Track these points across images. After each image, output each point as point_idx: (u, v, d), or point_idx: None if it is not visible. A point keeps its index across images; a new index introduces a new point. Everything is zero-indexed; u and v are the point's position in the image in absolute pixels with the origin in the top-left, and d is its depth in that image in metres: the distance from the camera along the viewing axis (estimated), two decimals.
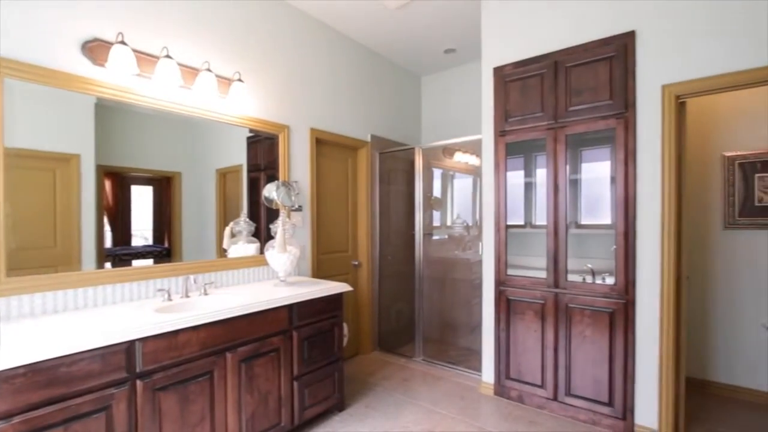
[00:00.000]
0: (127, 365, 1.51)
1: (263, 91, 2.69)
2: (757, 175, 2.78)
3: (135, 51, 1.97)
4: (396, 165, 3.98)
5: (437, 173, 4.35)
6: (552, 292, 2.52)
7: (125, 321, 1.60)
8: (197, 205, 2.42)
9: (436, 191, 4.35)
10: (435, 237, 4.22)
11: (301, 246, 2.90)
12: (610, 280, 2.39)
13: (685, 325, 2.29)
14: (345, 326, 2.84)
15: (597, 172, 2.86)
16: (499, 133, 2.73)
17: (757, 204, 2.78)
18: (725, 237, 2.84)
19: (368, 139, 3.63)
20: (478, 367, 3.07)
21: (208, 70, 2.19)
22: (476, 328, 3.39)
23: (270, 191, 2.67)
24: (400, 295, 3.99)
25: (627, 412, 2.28)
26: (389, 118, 3.94)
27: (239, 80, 2.38)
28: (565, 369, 2.48)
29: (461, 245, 4.15)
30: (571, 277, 2.52)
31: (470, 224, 4.06)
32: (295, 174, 2.92)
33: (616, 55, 2.27)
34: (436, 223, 4.34)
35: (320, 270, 3.21)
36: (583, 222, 3.00)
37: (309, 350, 2.28)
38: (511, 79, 2.67)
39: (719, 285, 2.85)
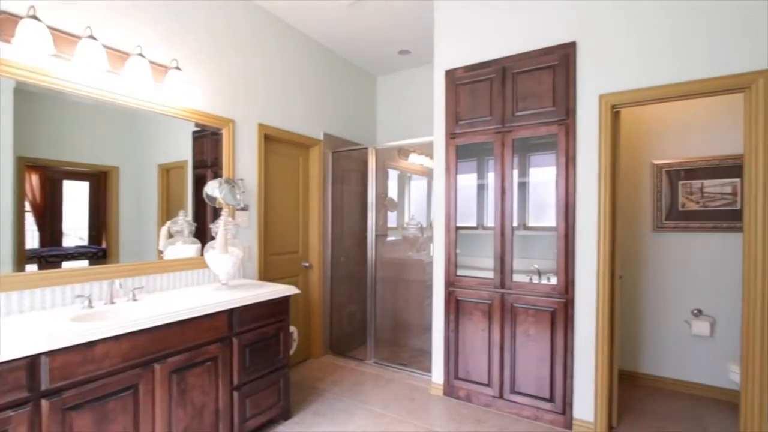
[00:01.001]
0: (29, 383, 1.33)
1: (206, 83, 2.53)
2: (681, 182, 3.03)
3: (51, 29, 1.76)
4: (350, 165, 3.91)
5: (393, 174, 4.35)
6: (498, 292, 2.58)
7: (31, 332, 1.41)
8: (137, 202, 2.24)
9: (392, 192, 4.35)
10: (390, 238, 4.21)
11: (247, 247, 2.75)
12: (554, 280, 2.49)
13: (619, 322, 2.43)
14: (294, 330, 2.73)
15: (544, 176, 2.98)
16: (450, 136, 2.75)
17: (680, 209, 3.02)
18: (654, 239, 3.06)
19: (321, 137, 3.54)
20: (429, 368, 3.08)
21: (141, 55, 2.00)
22: (429, 328, 3.41)
23: (212, 189, 2.51)
24: (353, 297, 3.93)
25: (566, 407, 2.37)
26: (343, 117, 3.87)
27: (177, 68, 2.21)
28: (511, 367, 2.54)
29: (415, 246, 4.17)
30: (518, 278, 2.60)
31: (424, 226, 4.08)
32: (241, 171, 2.77)
33: (559, 64, 2.37)
34: (392, 224, 4.34)
35: (268, 272, 3.07)
36: (531, 224, 3.12)
37: (251, 358, 2.15)
38: (461, 83, 2.71)
39: (648, 283, 3.07)
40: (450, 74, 2.77)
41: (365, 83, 4.21)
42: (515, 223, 2.84)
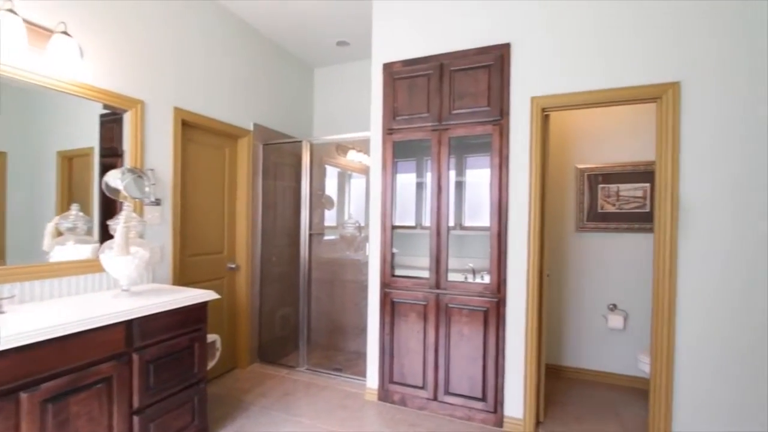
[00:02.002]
0: None
1: (106, 55, 2.17)
2: (600, 185, 3.23)
3: None
4: (283, 158, 3.67)
5: (333, 172, 4.18)
6: (434, 293, 2.54)
7: None
8: (29, 195, 1.90)
9: (331, 190, 4.18)
10: (327, 237, 4.04)
11: (158, 247, 2.42)
12: (488, 279, 2.50)
13: (546, 319, 2.51)
14: (216, 339, 2.47)
15: (480, 177, 3.01)
16: (387, 131, 2.66)
17: (599, 210, 3.23)
18: (577, 239, 3.24)
19: (251, 127, 3.27)
20: (365, 372, 2.96)
21: (11, 10, 1.63)
22: (365, 330, 3.30)
23: (113, 179, 2.15)
24: (285, 300, 3.69)
25: (497, 405, 2.39)
26: (277, 107, 3.62)
27: (64, 33, 1.84)
28: (445, 368, 2.51)
29: (353, 246, 4.03)
30: (454, 277, 2.58)
31: (362, 225, 3.97)
32: (152, 160, 2.43)
33: (494, 64, 2.38)
34: (331, 222, 4.17)
35: (186, 275, 2.74)
36: (467, 224, 3.14)
37: (157, 375, 1.87)
38: (400, 77, 2.63)
39: (571, 281, 3.24)
40: (388, 68, 2.68)
41: (302, 74, 3.99)
42: (452, 223, 2.82)
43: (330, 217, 4.17)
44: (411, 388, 2.61)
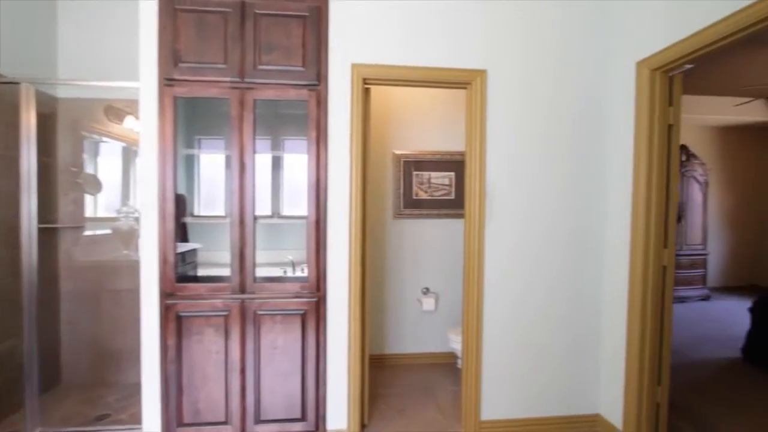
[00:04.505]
0: None
1: None
2: (414, 172, 3.29)
3: None
4: None
5: (115, 147, 2.99)
6: (238, 298, 1.98)
7: None
8: None
9: (107, 169, 2.99)
10: (92, 233, 2.88)
11: None
12: (308, 273, 2.10)
13: (369, 312, 2.31)
14: None
15: (301, 156, 2.55)
16: (166, 81, 1.91)
17: (414, 197, 3.29)
18: (395, 225, 3.21)
19: None
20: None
21: None
22: None
23: None
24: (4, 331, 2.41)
25: (319, 421, 2.05)
26: None
27: None
28: (255, 392, 2.00)
29: (131, 243, 3.00)
30: (270, 272, 2.09)
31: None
32: None
33: (310, 16, 1.97)
34: (100, 213, 2.99)
35: None
36: (286, 212, 2.66)
37: None
38: (184, 8, 1.91)
39: (391, 268, 3.20)
40: None
41: None
42: (267, 211, 2.32)
43: (98, 204, 2.99)
44: (210, 427, 1.99)
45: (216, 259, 2.48)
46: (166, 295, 1.95)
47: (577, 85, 2.21)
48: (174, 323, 1.95)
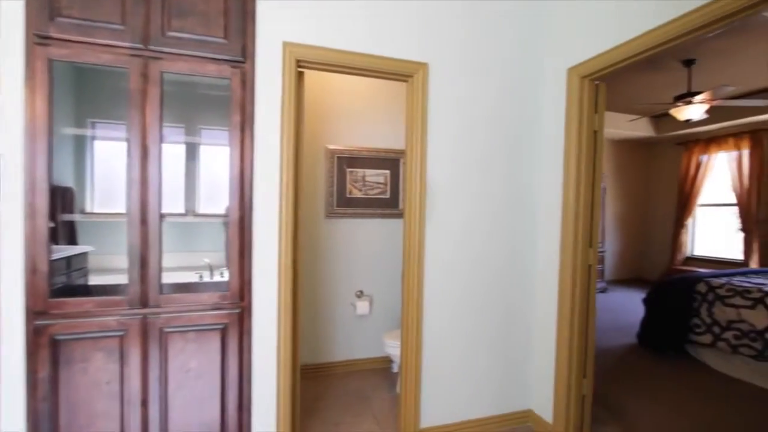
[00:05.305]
0: None
1: None
2: (348, 169, 3.11)
3: None
4: None
5: None
6: (138, 314, 1.62)
7: None
8: None
9: None
10: None
11: None
12: (228, 278, 1.80)
13: (301, 321, 2.08)
14: None
15: (223, 147, 2.21)
16: (37, 39, 1.48)
17: (348, 195, 3.11)
18: (327, 225, 3.00)
19: None
20: None
21: None
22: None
23: None
24: None
25: None
26: None
27: None
28: (161, 427, 1.66)
29: None
30: (183, 280, 1.75)
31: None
32: None
33: None
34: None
35: None
36: (204, 210, 2.29)
37: None
38: None
39: (322, 271, 2.99)
40: None
41: None
42: (182, 209, 1.97)
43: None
44: None
45: (117, 264, 2.04)
46: (35, 314, 1.51)
47: (518, 86, 2.24)
48: (48, 350, 1.53)
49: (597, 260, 2.12)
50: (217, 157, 2.24)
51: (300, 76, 1.94)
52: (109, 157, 2.07)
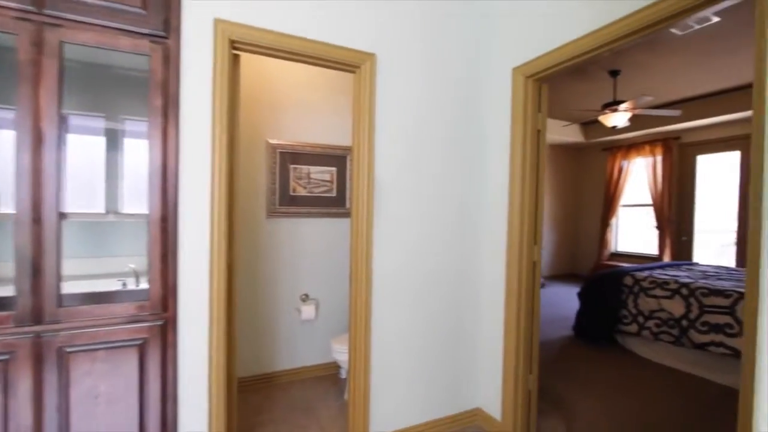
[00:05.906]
0: None
1: None
2: (292, 165, 2.93)
3: None
4: None
5: None
6: (29, 333, 1.34)
7: None
8: None
9: None
10: None
11: None
12: (146, 286, 1.56)
13: (236, 330, 1.89)
14: None
15: (143, 131, 1.93)
16: None
17: (292, 194, 2.93)
18: (268, 225, 2.80)
19: None
20: None
21: None
22: None
23: None
24: None
25: None
26: None
27: None
28: None
29: None
30: (101, 286, 1.48)
31: None
32: None
33: None
34: None
35: None
36: (127, 210, 1.99)
37: None
38: None
39: (263, 273, 2.78)
40: None
41: None
42: (102, 208, 1.71)
43: None
44: None
45: (3, 272, 1.70)
46: None
47: (467, 84, 2.23)
48: None
49: (540, 257, 2.17)
50: (142, 151, 1.96)
51: (236, 59, 1.76)
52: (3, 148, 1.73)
